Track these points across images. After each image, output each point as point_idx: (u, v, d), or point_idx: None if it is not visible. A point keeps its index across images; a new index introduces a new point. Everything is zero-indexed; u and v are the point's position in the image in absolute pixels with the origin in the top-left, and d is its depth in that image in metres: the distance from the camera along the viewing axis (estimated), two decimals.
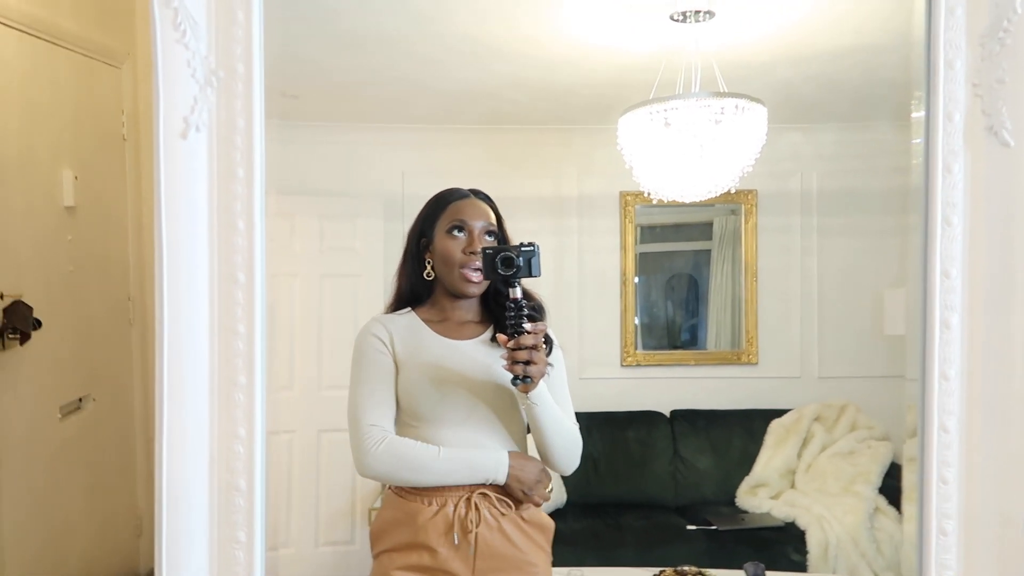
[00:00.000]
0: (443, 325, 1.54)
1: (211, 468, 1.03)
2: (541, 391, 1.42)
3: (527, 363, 1.36)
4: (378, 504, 1.51)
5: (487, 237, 1.52)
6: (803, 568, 3.17)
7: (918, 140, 1.12)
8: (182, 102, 1.00)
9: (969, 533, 1.04)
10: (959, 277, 1.03)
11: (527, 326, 1.38)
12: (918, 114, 1.12)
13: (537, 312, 1.52)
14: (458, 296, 1.53)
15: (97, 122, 2.98)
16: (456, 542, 1.44)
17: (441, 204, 1.55)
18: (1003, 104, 1.02)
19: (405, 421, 1.50)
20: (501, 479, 1.43)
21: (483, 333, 1.55)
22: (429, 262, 1.54)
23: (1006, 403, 1.03)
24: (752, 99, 2.58)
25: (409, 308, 1.57)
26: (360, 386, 1.48)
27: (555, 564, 1.58)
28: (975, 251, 1.04)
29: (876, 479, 3.39)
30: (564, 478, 3.57)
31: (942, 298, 1.03)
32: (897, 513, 3.22)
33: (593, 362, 3.95)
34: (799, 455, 3.64)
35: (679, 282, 4.21)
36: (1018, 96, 1.02)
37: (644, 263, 4.08)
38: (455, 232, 1.50)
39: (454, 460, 1.44)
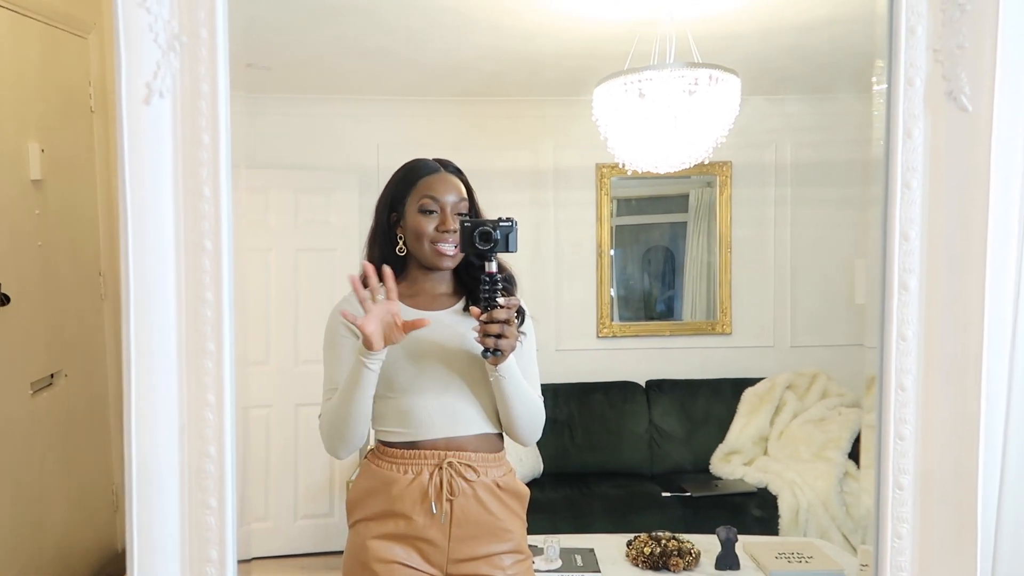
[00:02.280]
0: (416, 299, 1.54)
1: (181, 436, 1.03)
2: (510, 364, 1.43)
3: (499, 336, 1.37)
4: (356, 476, 1.51)
5: (460, 214, 1.51)
6: (775, 532, 3.24)
7: (879, 113, 1.14)
8: (145, 68, 0.99)
9: (925, 487, 1.07)
10: (918, 240, 1.06)
11: (501, 300, 1.38)
12: (880, 87, 1.13)
13: (510, 284, 1.53)
14: (432, 269, 1.54)
15: (64, 94, 2.92)
16: (434, 511, 1.45)
17: (411, 179, 1.53)
18: (962, 69, 1.03)
19: (382, 394, 1.50)
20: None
21: (456, 303, 1.55)
22: (401, 237, 1.54)
23: (962, 362, 1.06)
24: (726, 70, 2.58)
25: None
26: (325, 377, 1.52)
27: (531, 533, 1.60)
28: (934, 214, 1.06)
29: (846, 445, 3.47)
30: (541, 449, 3.61)
31: (901, 260, 1.05)
32: None
33: (569, 333, 3.99)
34: (772, 422, 3.71)
35: (656, 254, 4.24)
36: (977, 61, 1.03)
37: (621, 236, 4.09)
38: (427, 210, 1.50)
39: (338, 393, 1.45)
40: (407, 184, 1.53)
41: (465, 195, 1.54)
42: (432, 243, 1.49)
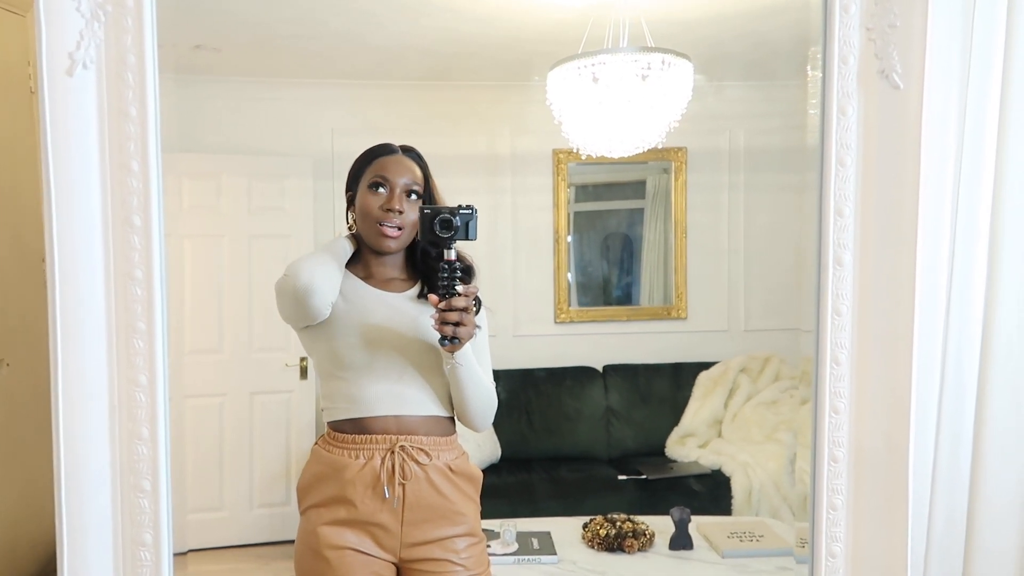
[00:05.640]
0: (370, 281, 1.52)
1: (111, 417, 1.00)
2: (466, 352, 1.42)
3: (457, 324, 1.37)
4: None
5: (410, 197, 1.50)
6: (728, 512, 3.30)
7: (814, 100, 1.15)
8: (67, 37, 0.95)
9: (858, 460, 1.10)
10: (852, 216, 1.07)
11: (459, 288, 1.37)
12: (815, 73, 1.14)
13: (468, 274, 1.52)
14: (378, 252, 1.52)
15: (1, 73, 2.81)
16: (387, 495, 1.44)
17: (367, 159, 1.53)
18: (894, 48, 1.05)
19: (333, 372, 1.48)
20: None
21: (409, 289, 1.54)
22: (352, 216, 1.52)
23: (894, 337, 1.08)
24: (678, 54, 2.59)
25: None
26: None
27: (489, 517, 1.59)
28: (867, 191, 1.08)
29: (797, 426, 3.53)
30: (498, 434, 3.61)
31: (835, 236, 1.07)
32: None
33: (527, 319, 3.99)
34: (725, 405, 3.76)
35: (614, 241, 4.25)
36: (908, 40, 1.05)
37: (579, 222, 4.10)
38: (375, 188, 1.49)
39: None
40: (364, 164, 1.53)
41: (420, 179, 1.52)
42: (377, 222, 1.48)
